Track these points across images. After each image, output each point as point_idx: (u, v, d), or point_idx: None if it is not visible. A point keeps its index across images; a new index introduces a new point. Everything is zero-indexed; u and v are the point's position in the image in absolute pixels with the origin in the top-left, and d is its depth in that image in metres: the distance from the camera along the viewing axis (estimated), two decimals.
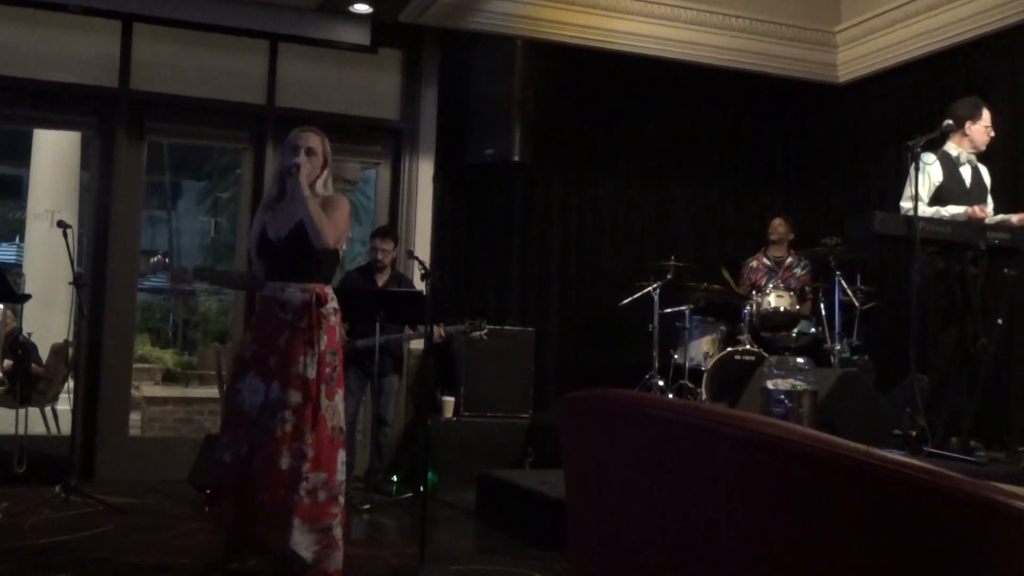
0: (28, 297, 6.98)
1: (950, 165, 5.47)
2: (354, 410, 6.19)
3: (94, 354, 6.52)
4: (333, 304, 3.89)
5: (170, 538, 4.49)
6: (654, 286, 6.77)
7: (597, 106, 7.66)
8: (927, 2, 6.97)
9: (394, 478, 6.23)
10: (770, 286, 6.87)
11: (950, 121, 5.41)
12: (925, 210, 5.25)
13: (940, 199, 5.39)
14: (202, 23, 6.66)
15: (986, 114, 5.50)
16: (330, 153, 3.99)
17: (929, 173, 5.38)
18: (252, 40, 6.88)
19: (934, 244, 5.17)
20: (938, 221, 5.22)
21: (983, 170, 5.61)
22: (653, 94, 7.74)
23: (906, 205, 5.27)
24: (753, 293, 6.84)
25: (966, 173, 5.52)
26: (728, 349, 6.66)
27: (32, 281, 10.57)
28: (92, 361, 6.52)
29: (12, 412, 6.63)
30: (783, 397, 5.14)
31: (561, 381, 7.23)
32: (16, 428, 6.24)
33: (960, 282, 5.22)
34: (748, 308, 6.76)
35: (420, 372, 6.80)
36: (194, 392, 10.68)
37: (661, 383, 6.68)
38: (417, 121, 7.17)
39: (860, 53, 7.66)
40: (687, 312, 6.77)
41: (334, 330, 3.87)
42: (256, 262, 4.02)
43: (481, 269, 7.32)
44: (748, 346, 6.63)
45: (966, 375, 5.27)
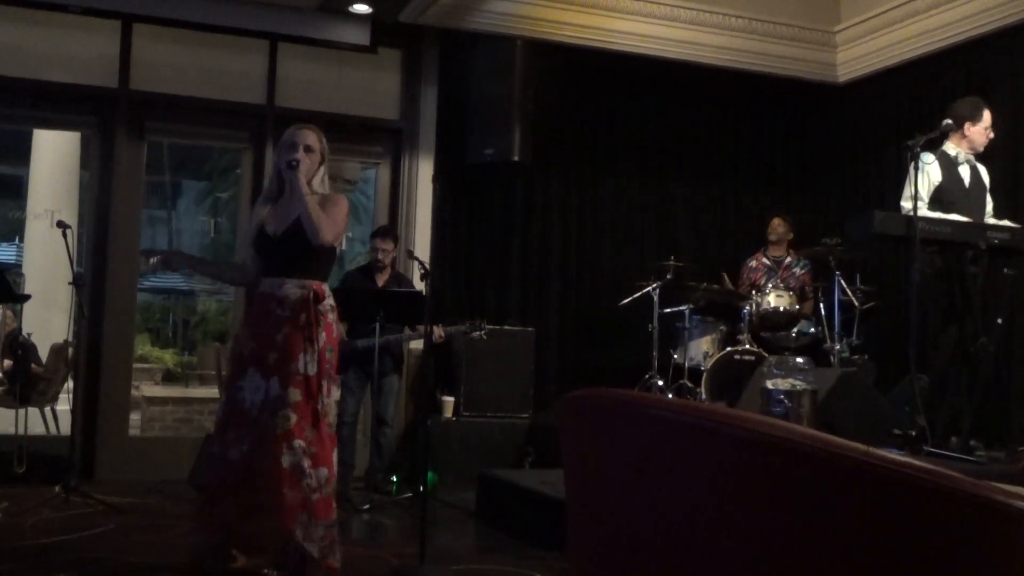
0: (28, 297, 6.99)
1: (949, 165, 5.46)
2: (354, 410, 6.19)
3: (94, 354, 6.53)
4: (330, 301, 3.88)
5: (170, 538, 4.48)
6: (654, 286, 6.77)
7: (597, 106, 7.66)
8: (927, 2, 6.97)
9: (394, 478, 6.23)
10: (770, 286, 6.87)
11: (949, 121, 5.40)
12: (925, 211, 5.25)
13: (939, 199, 5.38)
14: (202, 23, 6.66)
15: (987, 116, 5.48)
16: (327, 150, 3.99)
17: (928, 173, 5.37)
18: (252, 40, 6.88)
19: (934, 243, 5.17)
20: (938, 221, 5.21)
21: (982, 170, 5.61)
22: (653, 94, 7.74)
23: (906, 205, 5.27)
24: (753, 293, 6.85)
25: (965, 173, 5.51)
26: (728, 349, 6.66)
27: (32, 281, 10.57)
28: (92, 361, 6.52)
29: (12, 412, 6.62)
30: (783, 397, 5.14)
31: (561, 381, 7.23)
32: (16, 428, 6.24)
33: (960, 282, 5.22)
34: (748, 308, 6.77)
35: (420, 372, 6.79)
36: (194, 392, 10.69)
37: (661, 383, 6.67)
38: (417, 121, 7.17)
39: (860, 53, 7.66)
40: (687, 312, 6.77)
41: (332, 327, 3.86)
42: (251, 257, 4.01)
43: (481, 269, 7.32)
44: (748, 346, 6.63)
45: (966, 375, 5.27)
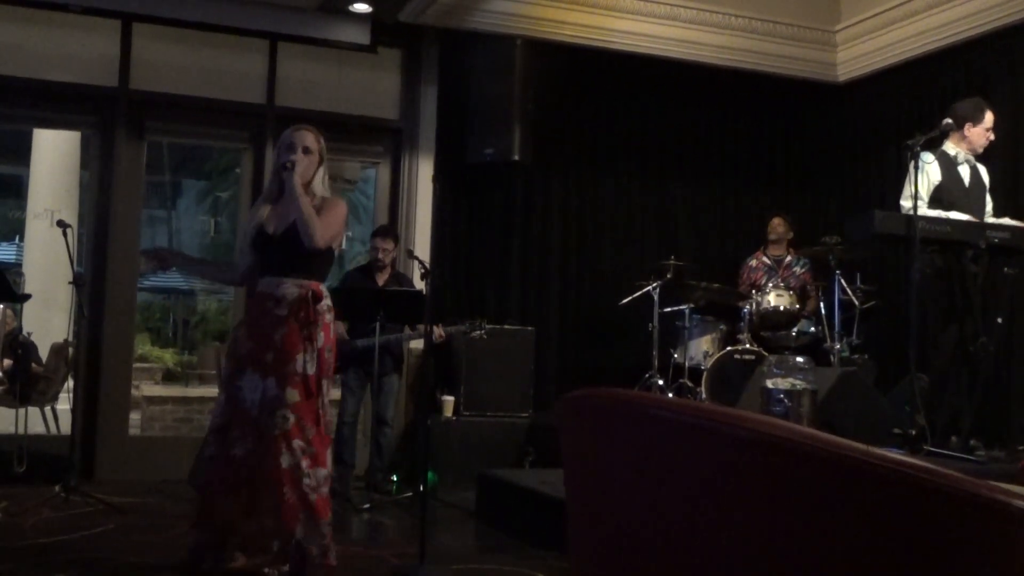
0: (28, 297, 6.99)
1: (949, 164, 5.45)
2: (354, 410, 6.19)
3: (94, 354, 6.52)
4: (327, 302, 3.89)
5: (170, 538, 4.48)
6: (654, 285, 6.77)
7: (597, 106, 7.66)
8: (927, 1, 6.97)
9: (394, 478, 6.23)
10: (770, 285, 6.87)
11: (950, 120, 5.39)
12: (925, 210, 5.25)
13: (939, 198, 5.38)
14: (202, 23, 6.66)
15: (989, 117, 5.46)
16: (325, 150, 4.00)
17: (928, 172, 5.36)
18: (252, 40, 6.88)
19: (934, 243, 5.17)
20: (938, 220, 5.21)
21: (982, 170, 5.60)
22: (653, 94, 7.74)
23: (906, 204, 5.27)
24: (753, 292, 6.85)
25: (965, 173, 5.51)
26: (728, 348, 6.66)
27: (32, 281, 10.56)
28: (92, 361, 6.52)
29: (12, 412, 6.63)
30: (783, 396, 5.14)
31: (561, 381, 7.22)
32: (16, 428, 6.24)
33: (960, 281, 5.22)
34: (748, 307, 6.76)
35: (420, 372, 6.79)
36: (194, 392, 10.68)
37: (661, 382, 6.67)
38: (417, 121, 7.17)
39: (860, 52, 7.65)
40: (687, 311, 6.77)
41: (329, 327, 3.87)
42: (248, 256, 4.01)
43: (481, 269, 7.32)
44: (748, 345, 6.63)
45: (966, 374, 5.27)
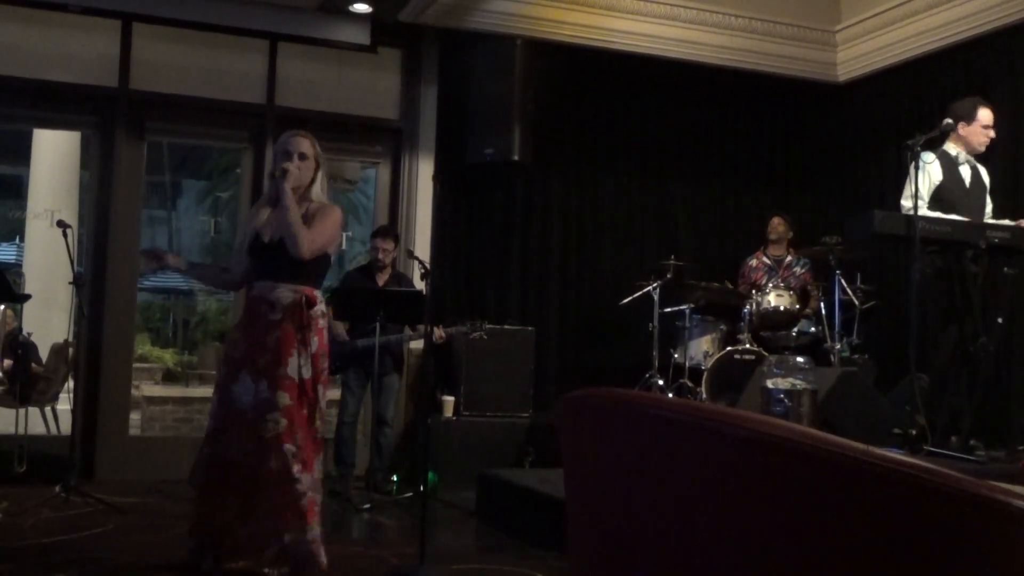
0: (28, 297, 7.00)
1: (950, 164, 5.45)
2: (354, 410, 6.19)
3: (94, 354, 6.52)
4: (321, 307, 3.90)
5: (170, 538, 4.48)
6: (654, 285, 6.77)
7: (597, 106, 7.66)
8: (927, 1, 6.97)
9: (394, 478, 6.23)
10: (770, 285, 6.87)
11: (949, 120, 5.40)
12: (925, 211, 5.25)
13: (939, 199, 5.37)
14: (202, 23, 6.66)
15: (983, 115, 5.44)
16: (321, 155, 4.01)
17: (929, 172, 5.36)
18: (252, 40, 6.88)
19: (934, 243, 5.17)
20: (938, 220, 5.21)
21: (982, 171, 5.60)
22: (653, 94, 7.74)
23: (906, 204, 5.27)
24: (753, 292, 6.84)
25: (966, 173, 5.51)
26: (728, 348, 6.66)
27: (32, 281, 10.57)
28: (92, 361, 6.52)
29: (12, 412, 6.63)
30: (783, 396, 5.14)
31: (561, 381, 7.23)
32: (16, 428, 6.24)
33: (960, 281, 5.21)
34: (748, 307, 6.76)
35: (420, 372, 6.79)
36: (194, 392, 10.67)
37: (661, 382, 6.67)
38: (417, 121, 7.17)
39: (860, 52, 7.66)
40: (687, 311, 6.77)
41: (323, 332, 3.88)
42: (244, 259, 4.01)
43: (481, 269, 7.32)
44: (748, 345, 6.63)
45: (966, 374, 5.26)
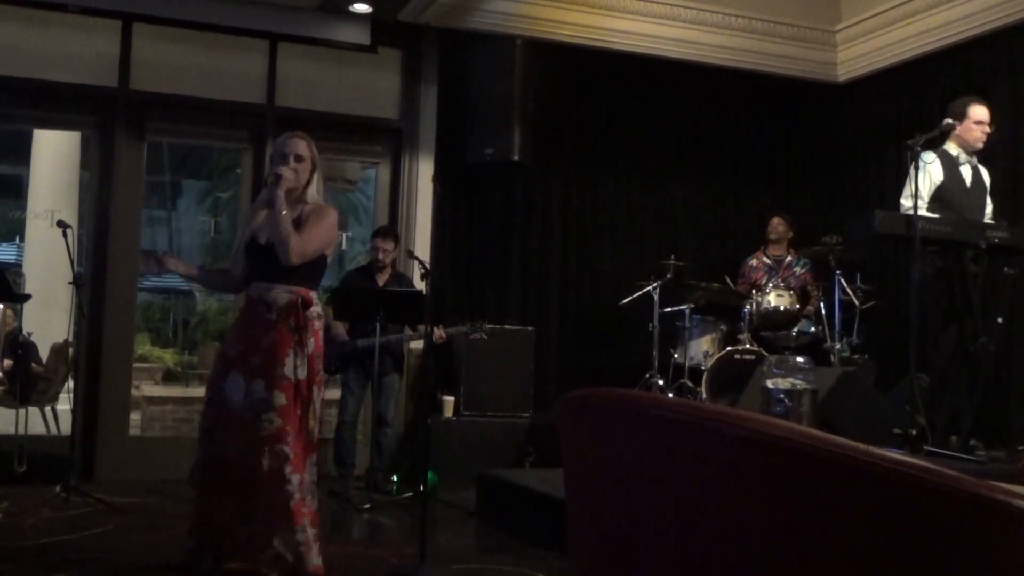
0: (28, 297, 6.99)
1: (950, 164, 5.45)
2: (354, 410, 6.20)
3: (94, 354, 6.52)
4: (316, 309, 3.90)
5: (170, 538, 4.48)
6: (654, 285, 6.77)
7: (597, 106, 7.66)
8: (927, 1, 6.97)
9: (394, 478, 6.23)
10: (770, 285, 6.87)
11: (949, 120, 5.41)
12: (925, 211, 5.25)
13: (940, 198, 5.37)
14: (202, 23, 6.67)
15: (974, 111, 5.44)
16: (318, 156, 4.01)
17: (929, 172, 5.37)
18: (252, 40, 6.88)
19: (934, 243, 5.17)
20: (938, 220, 5.21)
21: (983, 171, 5.60)
22: (653, 94, 7.74)
23: (906, 203, 5.27)
24: (753, 292, 6.84)
25: (966, 173, 5.51)
26: (728, 348, 6.66)
27: (32, 281, 10.58)
28: (92, 361, 6.52)
29: (12, 412, 6.63)
30: (783, 396, 5.14)
31: (561, 381, 7.22)
32: (16, 428, 6.24)
33: (960, 281, 5.21)
34: (748, 307, 6.76)
35: (420, 372, 6.79)
36: (194, 392, 10.65)
37: (661, 382, 6.68)
38: (417, 121, 7.17)
39: (860, 52, 7.66)
40: (687, 311, 6.77)
41: (319, 333, 3.89)
42: (241, 260, 4.01)
43: (481, 269, 7.31)
44: (748, 345, 6.63)
45: (966, 374, 5.26)
